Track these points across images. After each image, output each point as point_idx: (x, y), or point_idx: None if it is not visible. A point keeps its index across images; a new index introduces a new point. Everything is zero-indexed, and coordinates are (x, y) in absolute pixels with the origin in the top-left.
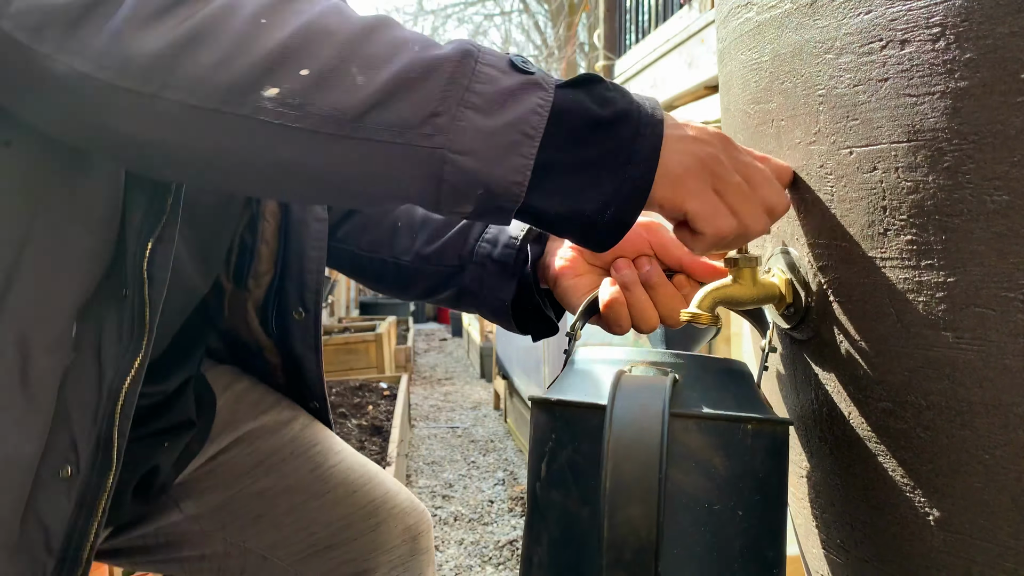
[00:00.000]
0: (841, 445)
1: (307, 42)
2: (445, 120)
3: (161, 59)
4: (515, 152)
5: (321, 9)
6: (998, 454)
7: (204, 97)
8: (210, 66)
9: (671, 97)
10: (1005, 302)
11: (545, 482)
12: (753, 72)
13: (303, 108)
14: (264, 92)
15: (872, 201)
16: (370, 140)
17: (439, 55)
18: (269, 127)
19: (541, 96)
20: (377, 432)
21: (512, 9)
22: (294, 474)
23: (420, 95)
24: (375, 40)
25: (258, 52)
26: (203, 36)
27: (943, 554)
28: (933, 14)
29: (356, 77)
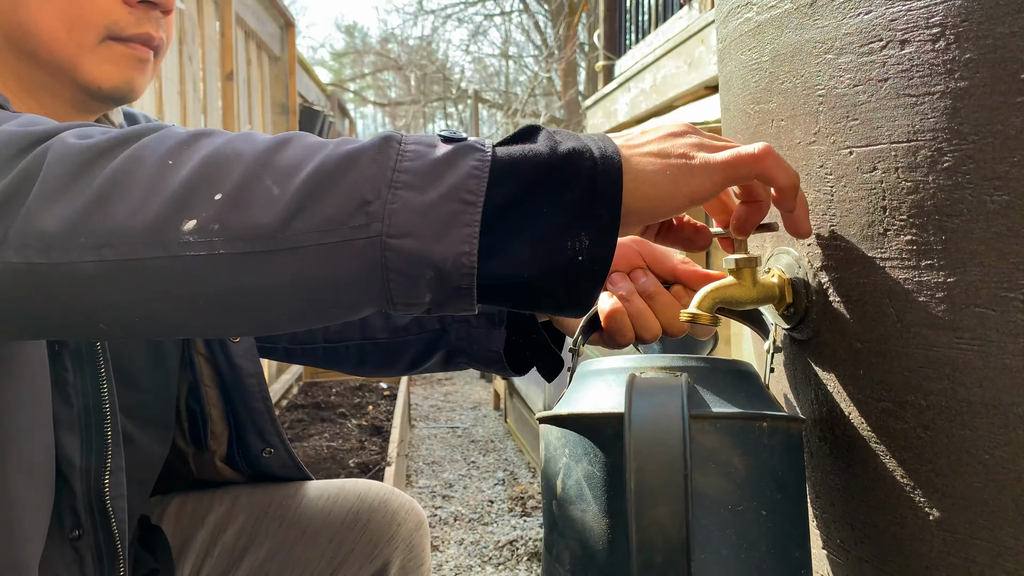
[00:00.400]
0: (841, 445)
1: (216, 168)
2: (377, 206)
3: (76, 223)
4: (457, 223)
5: (228, 138)
6: (998, 454)
7: (125, 248)
8: (125, 217)
9: (671, 97)
10: (1005, 302)
11: (562, 499)
12: (753, 72)
13: (224, 232)
14: (183, 227)
15: (872, 201)
16: (300, 247)
17: (357, 147)
18: (196, 260)
19: (477, 158)
20: (377, 432)
21: (512, 9)
22: (268, 539)
23: (345, 187)
24: (286, 151)
25: (169, 191)
26: (112, 191)
27: (943, 554)
28: (933, 14)
29: (271, 189)
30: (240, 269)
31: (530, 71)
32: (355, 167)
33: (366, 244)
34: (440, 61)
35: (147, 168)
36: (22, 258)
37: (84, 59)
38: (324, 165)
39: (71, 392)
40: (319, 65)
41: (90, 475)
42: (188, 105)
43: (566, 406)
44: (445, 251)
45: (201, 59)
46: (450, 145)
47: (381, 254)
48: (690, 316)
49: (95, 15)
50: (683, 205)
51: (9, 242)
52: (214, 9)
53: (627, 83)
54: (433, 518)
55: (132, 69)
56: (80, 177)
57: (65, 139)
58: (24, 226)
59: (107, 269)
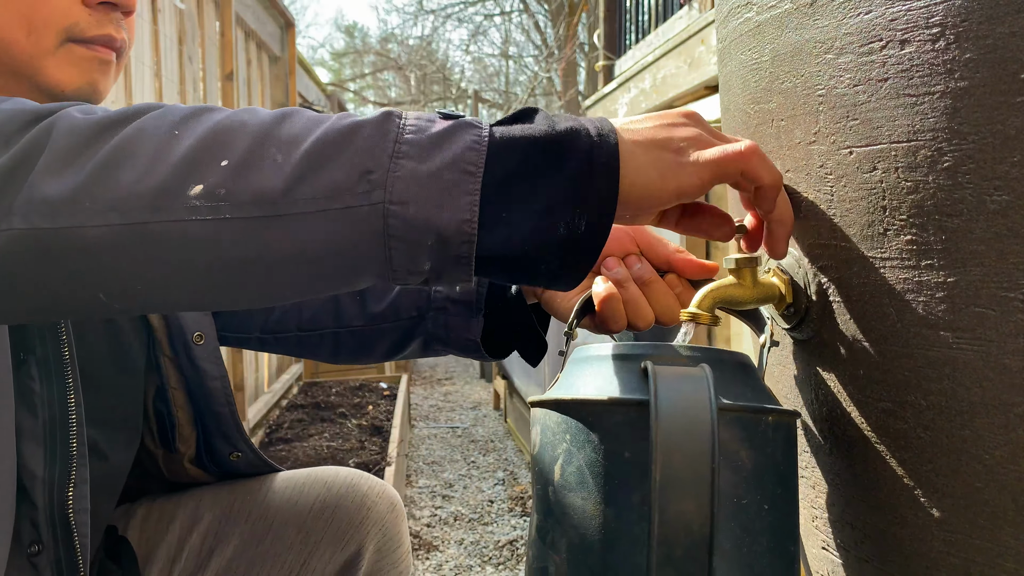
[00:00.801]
0: (841, 445)
1: (222, 137)
2: (379, 175)
3: (83, 189)
4: (458, 190)
5: (232, 112)
6: (998, 454)
7: (132, 212)
8: (132, 182)
9: (671, 97)
10: (1005, 302)
11: (560, 486)
12: (753, 72)
13: (230, 197)
14: (189, 192)
15: (872, 201)
16: (304, 213)
17: (359, 120)
18: (203, 224)
19: (475, 133)
20: (377, 432)
21: (512, 9)
22: (235, 536)
23: (348, 156)
24: (290, 122)
25: (176, 157)
26: (119, 158)
27: (943, 554)
28: (933, 14)
29: (276, 157)
30: (245, 234)
31: (530, 71)
32: (357, 138)
33: (369, 211)
34: (440, 61)
35: (154, 138)
36: (27, 224)
37: (45, 62)
38: (327, 135)
39: (37, 402)
40: (319, 65)
41: (53, 488)
42: None
43: (564, 391)
44: (447, 218)
45: (201, 59)
46: (449, 121)
47: (383, 221)
48: (690, 316)
49: (54, 17)
50: (670, 199)
51: (15, 210)
52: (214, 9)
53: (627, 83)
54: (433, 518)
55: (94, 71)
56: (87, 148)
57: (71, 114)
58: (30, 193)
59: (113, 233)
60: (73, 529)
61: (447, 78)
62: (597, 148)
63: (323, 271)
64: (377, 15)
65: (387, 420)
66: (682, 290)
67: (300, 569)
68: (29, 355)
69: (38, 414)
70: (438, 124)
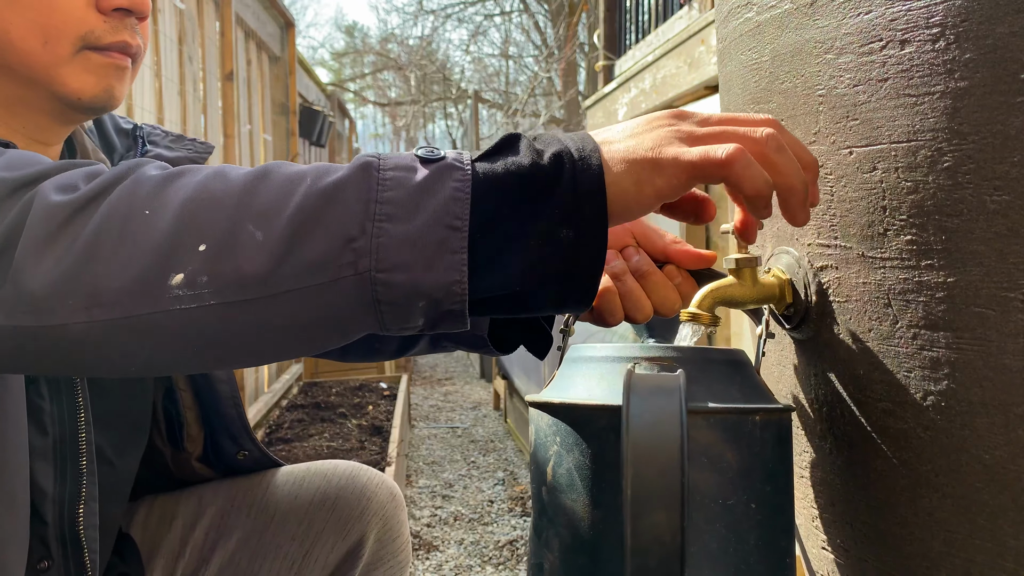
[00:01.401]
0: (841, 445)
1: (195, 217)
2: (363, 242)
3: (63, 284)
4: (444, 250)
5: (201, 179)
6: (998, 454)
7: (115, 308)
8: (111, 275)
9: (671, 97)
10: (1005, 302)
11: (552, 487)
12: (753, 72)
13: (212, 283)
14: (170, 282)
15: (872, 201)
16: (291, 291)
17: (335, 179)
18: (188, 313)
19: (457, 178)
20: (377, 432)
21: (512, 9)
22: (237, 530)
23: (328, 226)
24: (263, 190)
25: (151, 245)
26: (96, 249)
27: (943, 554)
28: (933, 14)
29: (255, 234)
30: (232, 317)
31: (530, 71)
32: (335, 203)
33: (355, 280)
34: (440, 61)
35: (126, 221)
36: (10, 321)
37: (61, 70)
38: (304, 205)
39: (46, 420)
40: (319, 65)
41: (63, 505)
42: (188, 105)
43: (557, 392)
44: (435, 281)
45: (201, 59)
46: (428, 168)
47: (371, 288)
48: (690, 316)
49: (69, 25)
50: (650, 205)
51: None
52: (214, 9)
53: (627, 83)
54: (433, 518)
55: (111, 78)
56: (62, 235)
57: (46, 195)
58: (12, 288)
59: (98, 328)
60: (84, 546)
61: (447, 78)
62: (581, 173)
63: (314, 336)
64: (377, 15)
65: (387, 420)
66: (681, 281)
67: (303, 560)
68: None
69: (48, 432)
70: (419, 173)
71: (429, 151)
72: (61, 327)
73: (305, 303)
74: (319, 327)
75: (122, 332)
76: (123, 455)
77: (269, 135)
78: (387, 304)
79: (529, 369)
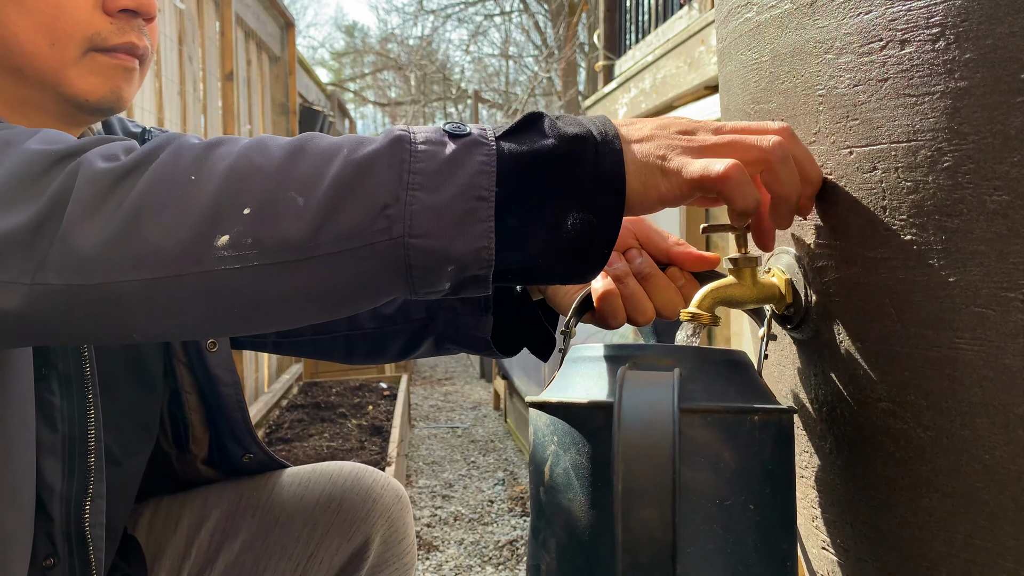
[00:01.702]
0: (841, 445)
1: (239, 183)
2: (396, 209)
3: (113, 245)
4: (473, 219)
5: (242, 149)
6: (998, 454)
7: (162, 267)
8: (159, 237)
9: (671, 97)
10: (1005, 302)
11: (549, 487)
12: (753, 72)
13: (257, 245)
14: (216, 243)
15: (872, 201)
16: (330, 254)
17: (371, 151)
18: (233, 273)
19: (484, 152)
20: (377, 432)
21: (512, 9)
22: (243, 531)
23: (365, 194)
24: (303, 159)
25: (198, 208)
26: (142, 212)
27: (943, 554)
28: (933, 14)
29: (296, 200)
30: (274, 278)
31: (530, 71)
32: (372, 172)
33: (390, 245)
34: (440, 61)
35: (172, 186)
36: (62, 280)
37: (68, 72)
38: (343, 173)
39: (56, 416)
40: (319, 65)
41: (70, 502)
42: (188, 105)
43: (556, 392)
44: (464, 247)
45: (201, 59)
46: (456, 142)
47: (404, 253)
48: (690, 315)
49: (76, 27)
50: (653, 206)
51: (49, 265)
52: (214, 9)
53: (627, 83)
54: (433, 518)
55: (118, 79)
56: (109, 198)
57: (92, 161)
58: (62, 249)
59: (146, 287)
60: (89, 543)
61: (447, 78)
62: (603, 158)
63: (347, 299)
64: (377, 15)
65: (387, 420)
66: (684, 283)
67: (307, 561)
68: (50, 369)
69: (58, 428)
70: (448, 146)
71: (456, 126)
72: (110, 285)
73: (342, 266)
74: (353, 289)
75: (168, 291)
76: (131, 455)
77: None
78: (418, 268)
79: (529, 369)
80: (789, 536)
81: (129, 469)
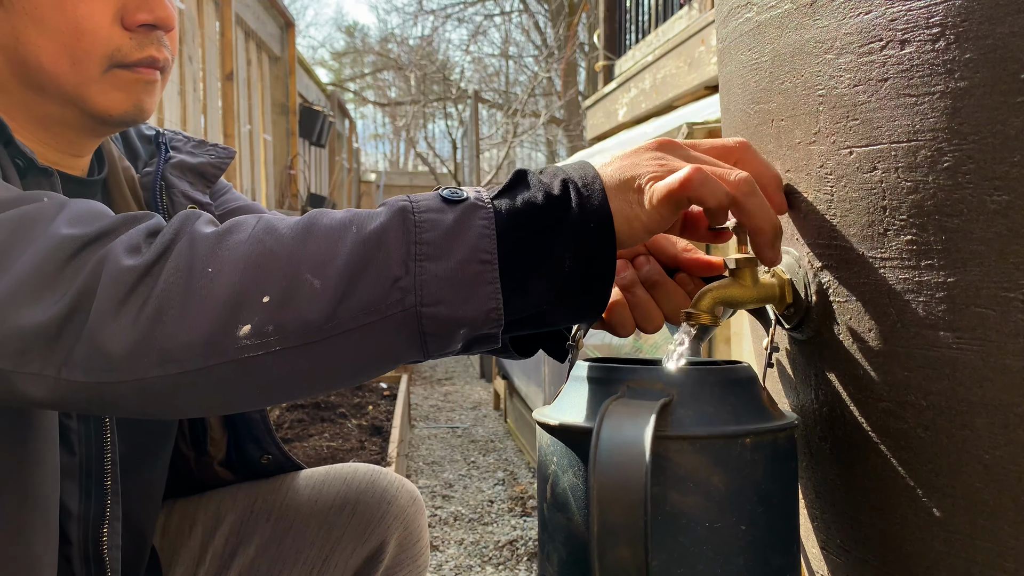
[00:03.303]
0: (841, 445)
1: (255, 271)
2: (407, 280)
3: (138, 343)
4: (480, 281)
5: (253, 234)
6: (998, 454)
7: (190, 362)
8: (183, 332)
9: (671, 97)
10: (1005, 302)
11: (551, 504)
12: (753, 72)
13: (279, 331)
14: (238, 332)
15: (872, 201)
16: (349, 330)
17: (378, 225)
18: (257, 360)
19: (482, 216)
20: (377, 432)
21: (512, 9)
22: (257, 535)
23: (377, 270)
24: (313, 240)
25: (218, 301)
26: (165, 309)
27: (943, 554)
28: (933, 14)
29: (312, 283)
30: (297, 359)
31: (530, 71)
32: (381, 247)
33: (404, 316)
34: (440, 61)
35: (190, 280)
36: (88, 378)
37: (91, 89)
38: (353, 252)
39: (74, 439)
40: (319, 65)
41: (88, 525)
42: (188, 105)
43: (556, 411)
44: (474, 310)
45: (201, 59)
46: (455, 208)
47: (418, 322)
48: (687, 315)
49: (96, 46)
50: (642, 236)
51: (75, 362)
52: (214, 9)
53: (627, 83)
54: (433, 518)
55: (140, 93)
56: (132, 298)
57: (117, 256)
58: (88, 348)
59: (173, 380)
60: (107, 565)
61: (447, 78)
62: (588, 200)
63: (367, 368)
64: (377, 15)
65: (387, 420)
66: (693, 289)
67: (322, 564)
68: None
69: (75, 451)
70: (448, 213)
71: (452, 192)
72: (137, 381)
73: (361, 340)
74: (372, 359)
75: (195, 382)
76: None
77: (269, 135)
78: (432, 335)
79: (529, 370)
80: (786, 550)
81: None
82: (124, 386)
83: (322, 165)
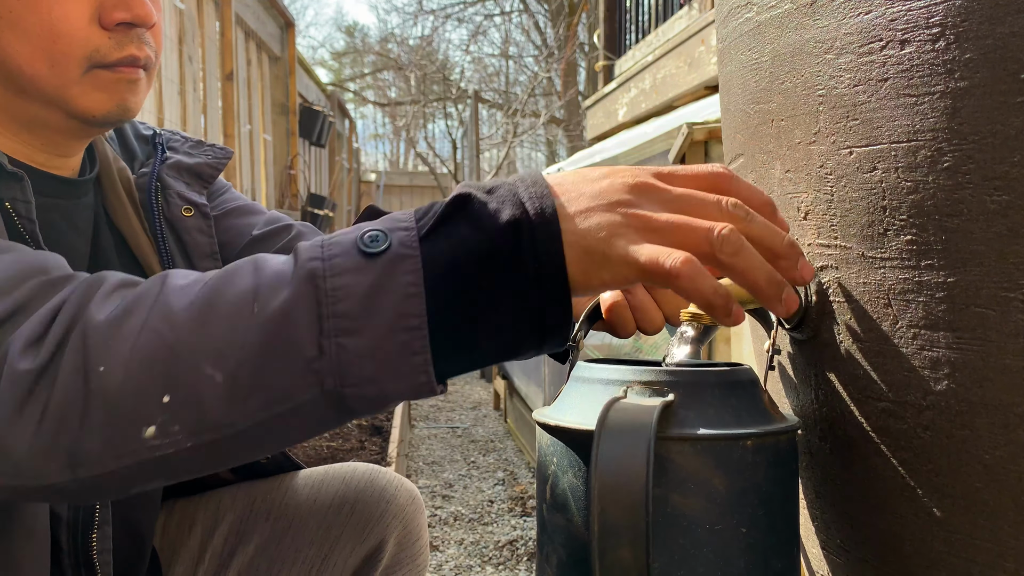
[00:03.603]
0: (841, 445)
1: (152, 369)
2: (323, 363)
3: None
4: (407, 353)
5: (148, 322)
6: (998, 454)
7: (99, 465)
8: (85, 439)
9: (671, 97)
10: (1005, 302)
11: (551, 504)
12: (753, 72)
13: (185, 429)
14: (144, 434)
15: (872, 201)
16: (262, 421)
17: (283, 300)
18: (167, 457)
19: (407, 270)
20: (377, 432)
21: (512, 9)
22: (256, 535)
23: (286, 353)
24: (213, 326)
25: (116, 403)
26: (65, 415)
27: (943, 554)
28: (933, 14)
29: (214, 377)
30: (213, 449)
31: (530, 71)
32: (287, 327)
33: (323, 397)
34: (440, 61)
35: (86, 382)
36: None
37: (71, 91)
38: (258, 334)
39: None
40: (319, 65)
41: (77, 530)
42: (188, 105)
43: (556, 412)
44: (403, 386)
45: (201, 59)
46: (375, 263)
47: (340, 402)
48: (689, 316)
49: (74, 47)
50: (597, 291)
51: None
52: (214, 9)
53: (627, 83)
54: (433, 518)
55: (123, 92)
56: (31, 401)
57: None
58: None
59: (85, 484)
60: (97, 570)
61: (447, 78)
62: (540, 245)
63: (294, 439)
64: (377, 15)
65: (387, 420)
66: None
67: (321, 564)
68: None
69: None
70: (366, 273)
71: (373, 237)
72: (48, 486)
73: (278, 426)
74: (297, 435)
75: (106, 483)
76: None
77: (269, 135)
78: (360, 411)
79: (529, 370)
80: (787, 553)
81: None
82: (37, 490)
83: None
